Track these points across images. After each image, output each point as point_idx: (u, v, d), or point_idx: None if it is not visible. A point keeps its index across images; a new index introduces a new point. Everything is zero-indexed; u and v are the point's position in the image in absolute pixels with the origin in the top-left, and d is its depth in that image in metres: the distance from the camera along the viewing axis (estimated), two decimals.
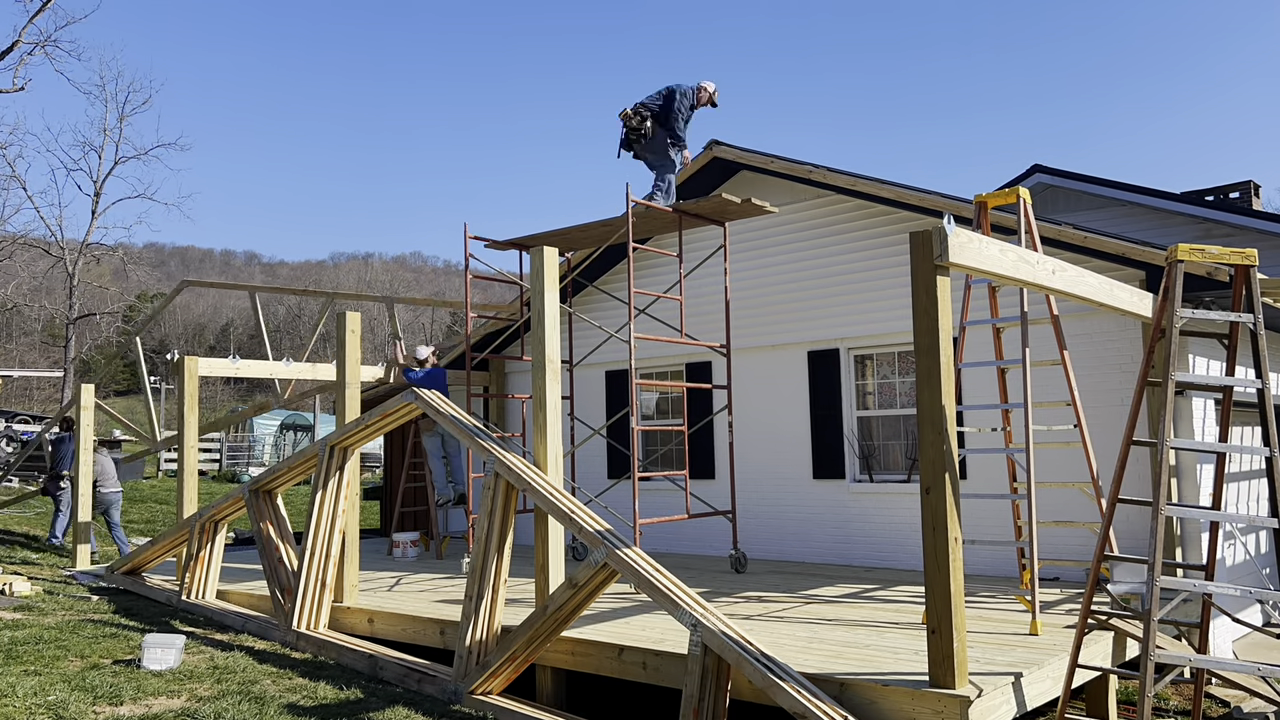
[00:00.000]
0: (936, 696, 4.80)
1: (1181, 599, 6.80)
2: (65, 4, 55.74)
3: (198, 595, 9.22)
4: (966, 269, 5.10)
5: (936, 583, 4.82)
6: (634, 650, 6.11)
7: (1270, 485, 5.59)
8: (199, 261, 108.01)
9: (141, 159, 59.86)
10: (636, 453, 8.73)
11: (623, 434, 12.00)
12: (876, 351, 10.23)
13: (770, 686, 4.93)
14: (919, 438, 4.93)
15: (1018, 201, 7.03)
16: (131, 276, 46.78)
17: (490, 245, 10.75)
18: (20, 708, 5.79)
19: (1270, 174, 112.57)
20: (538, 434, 6.83)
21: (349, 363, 8.56)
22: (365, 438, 8.10)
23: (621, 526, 11.63)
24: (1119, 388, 8.51)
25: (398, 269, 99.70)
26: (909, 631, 6.43)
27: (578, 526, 6.04)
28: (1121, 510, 8.30)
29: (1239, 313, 5.76)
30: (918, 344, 4.95)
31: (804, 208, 10.56)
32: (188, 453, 10.94)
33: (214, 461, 31.11)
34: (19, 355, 54.67)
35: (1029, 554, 6.45)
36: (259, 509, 8.77)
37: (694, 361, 11.52)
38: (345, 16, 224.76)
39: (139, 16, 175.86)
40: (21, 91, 37.10)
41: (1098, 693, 6.38)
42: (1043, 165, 14.92)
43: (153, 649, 6.90)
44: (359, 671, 7.07)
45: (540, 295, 6.97)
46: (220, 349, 76.11)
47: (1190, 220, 13.61)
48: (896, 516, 9.78)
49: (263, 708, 5.96)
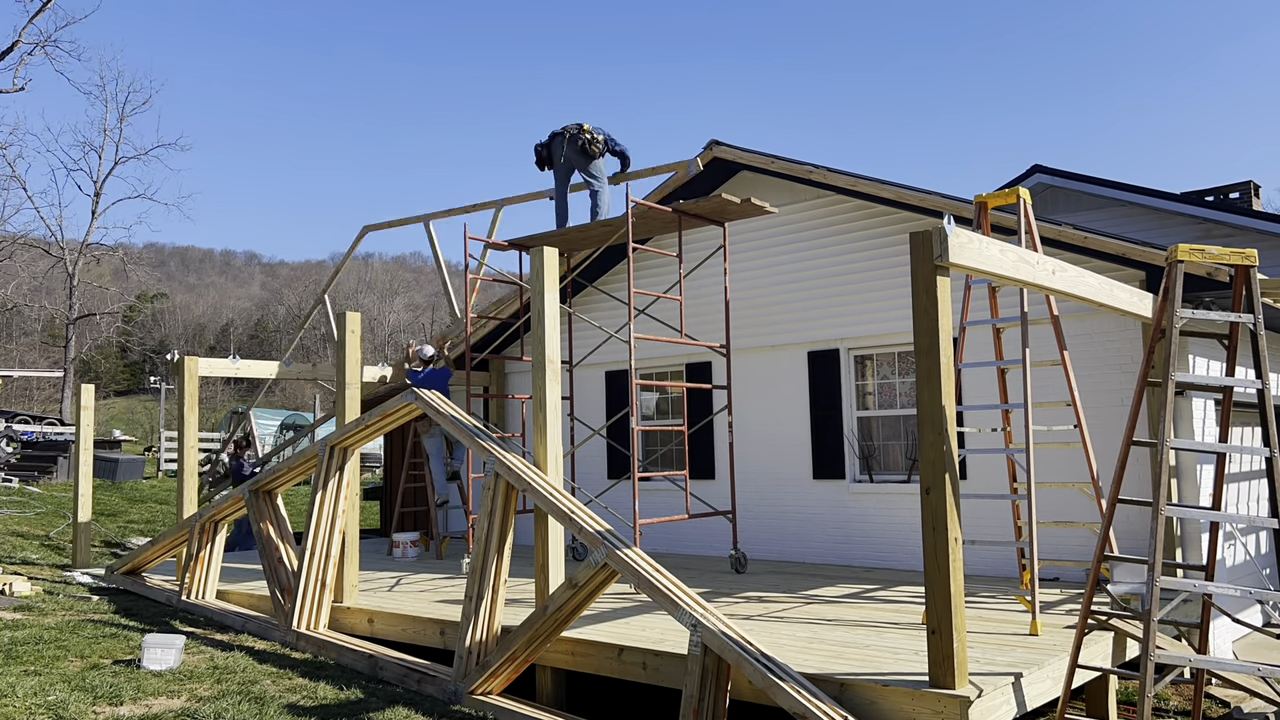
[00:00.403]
0: (936, 697, 4.80)
1: (1181, 599, 6.81)
2: (65, 4, 55.75)
3: (198, 595, 9.22)
4: (966, 269, 5.11)
5: (936, 583, 4.82)
6: (634, 650, 6.11)
7: (1270, 485, 5.59)
8: (199, 261, 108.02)
9: (141, 159, 59.93)
10: (636, 453, 8.73)
11: (623, 434, 12.00)
12: (876, 352, 10.23)
13: (770, 687, 4.93)
14: (919, 438, 4.93)
15: (1018, 202, 7.04)
16: (131, 276, 46.81)
17: (490, 245, 10.75)
18: (20, 708, 5.79)
19: (1270, 174, 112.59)
20: (538, 434, 6.83)
21: (349, 363, 8.57)
22: (365, 438, 8.10)
23: (621, 527, 11.63)
24: (1119, 388, 8.51)
25: (397, 269, 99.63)
26: (909, 632, 6.43)
27: (578, 527, 6.04)
28: (1121, 510, 8.30)
29: (1239, 313, 5.77)
30: (918, 344, 4.95)
31: (804, 208, 10.56)
32: (188, 453, 10.94)
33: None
34: (19, 355, 54.68)
35: (1029, 554, 6.45)
36: (259, 509, 8.77)
37: (694, 362, 11.52)
38: (346, 16, 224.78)
39: (139, 16, 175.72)
40: (21, 91, 37.13)
41: (1098, 693, 6.38)
42: (1043, 165, 14.92)
43: (153, 649, 6.90)
44: (359, 671, 7.07)
45: (540, 295, 6.97)
46: (220, 349, 76.11)
47: (1190, 220, 13.61)
48: (896, 517, 9.78)
49: (263, 708, 5.97)
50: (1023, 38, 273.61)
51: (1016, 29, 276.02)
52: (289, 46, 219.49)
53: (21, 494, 20.49)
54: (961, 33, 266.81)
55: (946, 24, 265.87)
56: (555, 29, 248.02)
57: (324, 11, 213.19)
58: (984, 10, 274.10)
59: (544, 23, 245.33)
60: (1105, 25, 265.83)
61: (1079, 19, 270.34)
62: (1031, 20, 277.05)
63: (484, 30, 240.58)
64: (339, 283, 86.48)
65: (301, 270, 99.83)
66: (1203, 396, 8.45)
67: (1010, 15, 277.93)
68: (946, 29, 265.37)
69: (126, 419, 57.92)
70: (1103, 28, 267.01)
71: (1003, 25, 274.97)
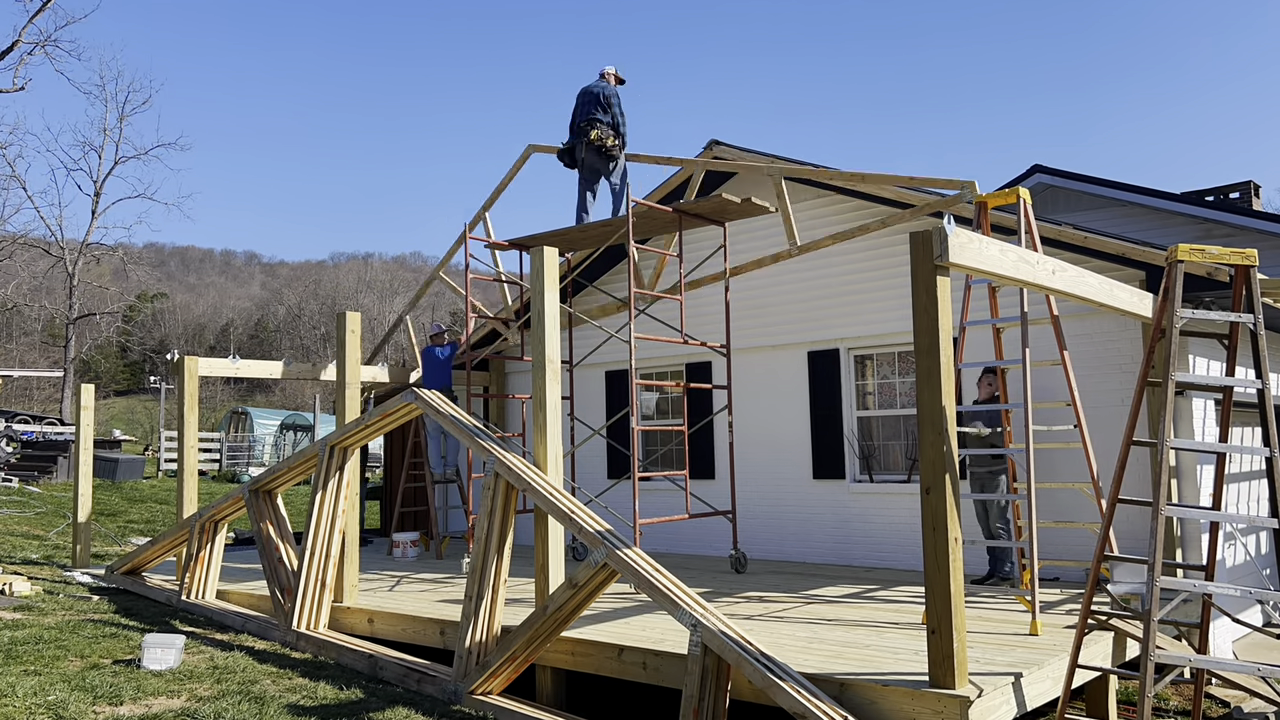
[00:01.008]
0: (936, 697, 4.80)
1: (1181, 599, 6.80)
2: (65, 4, 55.81)
3: (198, 595, 9.22)
4: (966, 269, 5.11)
5: (936, 583, 4.82)
6: (634, 650, 6.11)
7: (1270, 485, 5.59)
8: (199, 261, 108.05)
9: (141, 159, 59.97)
10: (636, 453, 8.73)
11: (623, 434, 12.00)
12: (876, 351, 10.23)
13: (770, 686, 4.93)
14: (919, 438, 4.93)
15: (1018, 202, 7.04)
16: (131, 276, 46.83)
17: (490, 245, 10.75)
18: (20, 708, 5.79)
19: (1270, 174, 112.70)
20: (538, 434, 6.83)
21: (349, 363, 8.56)
22: (365, 438, 8.10)
23: (621, 526, 11.64)
24: (1119, 388, 8.51)
25: (398, 269, 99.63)
26: (909, 631, 6.43)
27: (578, 526, 6.04)
28: (1122, 510, 8.30)
29: (1239, 313, 5.77)
30: (918, 344, 4.95)
31: (804, 207, 10.56)
32: (188, 453, 10.94)
33: (214, 461, 31.10)
34: (19, 355, 54.69)
35: (1029, 554, 6.45)
36: (259, 509, 8.77)
37: (694, 362, 11.52)
38: (346, 16, 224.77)
39: (139, 16, 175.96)
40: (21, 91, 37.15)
41: (1098, 693, 6.38)
42: (1043, 165, 14.92)
43: (153, 649, 6.90)
44: (359, 671, 7.07)
45: (540, 295, 6.97)
46: (220, 349, 76.12)
47: (1190, 220, 13.61)
48: (896, 516, 9.78)
49: (263, 708, 5.96)
50: (1024, 39, 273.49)
51: (1017, 29, 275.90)
52: (289, 46, 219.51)
53: (21, 494, 20.50)
54: (964, 31, 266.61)
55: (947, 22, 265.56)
56: (561, 28, 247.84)
57: (325, 11, 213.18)
58: (984, 10, 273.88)
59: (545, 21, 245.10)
60: (1105, 25, 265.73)
61: (1079, 19, 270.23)
62: (1032, 20, 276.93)
63: (486, 29, 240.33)
64: (338, 283, 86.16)
65: (301, 270, 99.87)
66: (1203, 396, 8.45)
67: (1013, 16, 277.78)
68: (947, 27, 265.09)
69: (126, 419, 57.93)
70: (1103, 27, 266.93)
71: (1003, 25, 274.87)
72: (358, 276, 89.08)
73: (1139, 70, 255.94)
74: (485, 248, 10.96)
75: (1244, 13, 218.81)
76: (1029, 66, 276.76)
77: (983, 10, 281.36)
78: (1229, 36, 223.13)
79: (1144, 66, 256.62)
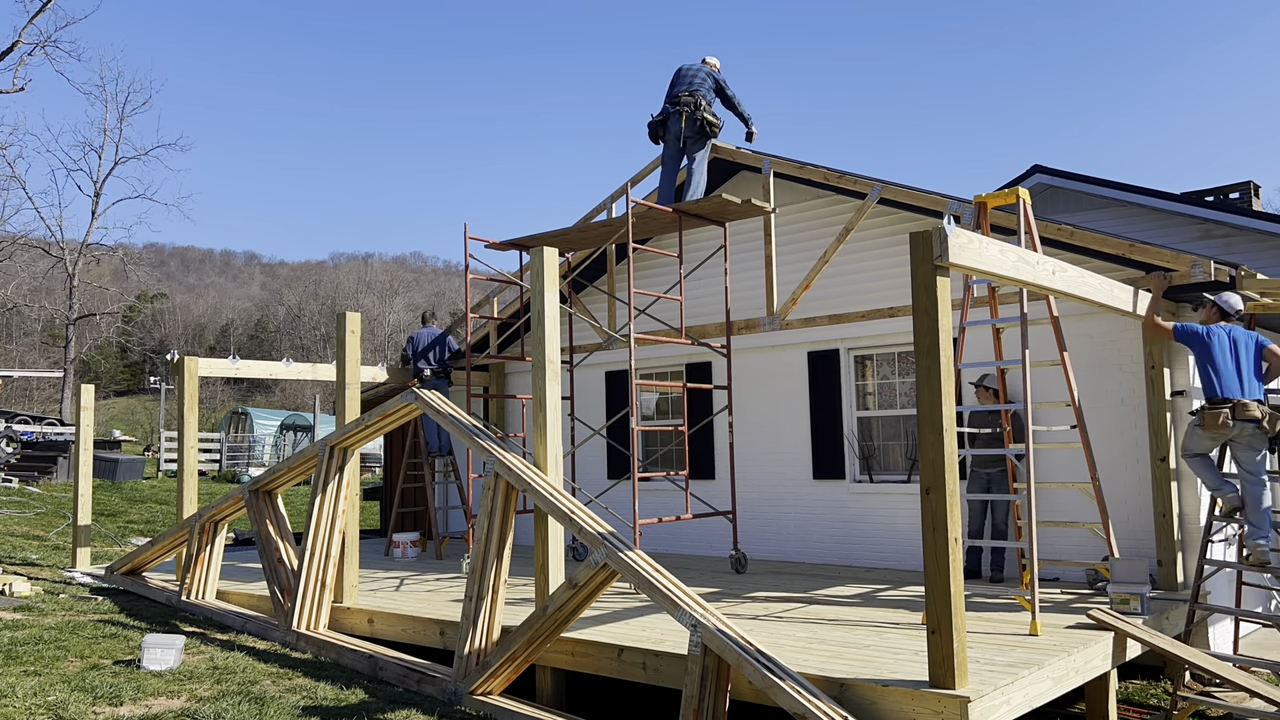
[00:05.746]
0: (936, 697, 4.80)
1: (1181, 599, 6.81)
2: (65, 4, 55.85)
3: (198, 595, 9.22)
4: (966, 269, 5.11)
5: (936, 583, 4.82)
6: (634, 651, 6.11)
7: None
8: (199, 262, 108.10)
9: (141, 159, 59.97)
10: (636, 453, 8.73)
11: (623, 434, 12.00)
12: (876, 352, 10.23)
13: (770, 687, 4.93)
14: (919, 438, 4.93)
15: (1018, 202, 7.04)
16: (131, 277, 46.84)
17: (490, 246, 10.75)
18: (20, 708, 5.79)
19: (1270, 174, 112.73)
20: (538, 434, 6.83)
21: (349, 363, 8.56)
22: (365, 438, 8.10)
23: (621, 527, 11.64)
24: (1119, 388, 8.51)
25: (398, 269, 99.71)
26: (909, 632, 6.43)
27: (578, 527, 6.04)
28: (1121, 510, 8.30)
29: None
30: (918, 344, 4.95)
31: (804, 208, 10.56)
32: (188, 453, 10.94)
33: (214, 462, 31.10)
34: (19, 355, 54.73)
35: (1029, 554, 6.45)
36: (259, 509, 8.77)
37: (694, 362, 11.52)
38: (346, 16, 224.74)
39: (139, 16, 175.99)
40: (21, 92, 37.16)
41: (1098, 693, 6.38)
42: (1043, 166, 14.92)
43: (153, 649, 6.89)
44: (359, 672, 7.07)
45: (540, 295, 6.98)
46: (220, 349, 76.13)
47: (1190, 221, 13.61)
48: (896, 517, 9.78)
49: (263, 708, 5.97)
50: (1022, 37, 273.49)
51: (1017, 29, 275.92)
52: (289, 47, 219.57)
53: (21, 494, 20.50)
54: (962, 32, 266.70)
55: (946, 24, 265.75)
56: (560, 29, 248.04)
57: (325, 12, 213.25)
58: (984, 10, 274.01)
59: (546, 21, 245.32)
60: (1106, 25, 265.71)
61: (1079, 19, 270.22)
62: (1032, 21, 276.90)
63: (485, 30, 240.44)
64: (338, 283, 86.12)
65: (301, 270, 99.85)
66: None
67: (1011, 15, 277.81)
68: (946, 29, 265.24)
69: (126, 419, 57.96)
70: (1103, 28, 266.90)
71: (1003, 25, 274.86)
72: (358, 277, 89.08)
73: (1139, 70, 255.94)
74: (485, 248, 10.96)
75: (1244, 13, 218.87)
76: (1029, 67, 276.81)
77: (983, 10, 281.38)
78: (1229, 37, 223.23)
79: (1144, 67, 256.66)
